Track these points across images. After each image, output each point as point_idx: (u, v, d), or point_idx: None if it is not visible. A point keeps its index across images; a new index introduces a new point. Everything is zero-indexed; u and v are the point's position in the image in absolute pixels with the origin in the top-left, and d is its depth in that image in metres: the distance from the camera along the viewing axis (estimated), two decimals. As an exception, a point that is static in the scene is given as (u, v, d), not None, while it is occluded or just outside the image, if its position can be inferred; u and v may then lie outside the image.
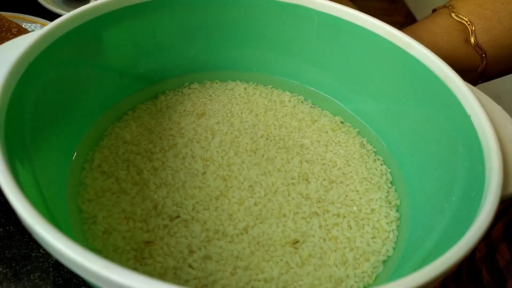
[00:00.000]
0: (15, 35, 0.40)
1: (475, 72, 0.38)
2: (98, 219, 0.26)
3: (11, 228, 0.30)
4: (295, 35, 0.36)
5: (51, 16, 0.49)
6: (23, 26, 0.45)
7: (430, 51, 0.29)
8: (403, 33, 0.31)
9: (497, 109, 0.28)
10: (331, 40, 0.34)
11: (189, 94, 0.37)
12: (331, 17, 0.33)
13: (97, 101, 0.32)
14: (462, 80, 0.27)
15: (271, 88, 0.39)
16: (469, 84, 0.29)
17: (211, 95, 0.37)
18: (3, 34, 0.39)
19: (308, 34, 0.35)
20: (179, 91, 0.37)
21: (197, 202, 0.28)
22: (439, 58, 0.29)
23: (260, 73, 0.39)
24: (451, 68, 0.28)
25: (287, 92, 0.39)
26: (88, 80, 0.31)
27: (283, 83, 0.39)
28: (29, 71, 0.24)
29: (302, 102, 0.38)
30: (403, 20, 2.64)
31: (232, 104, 0.37)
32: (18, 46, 0.24)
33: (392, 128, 0.34)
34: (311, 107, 0.38)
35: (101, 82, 0.32)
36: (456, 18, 0.37)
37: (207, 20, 0.35)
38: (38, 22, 0.46)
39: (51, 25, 0.26)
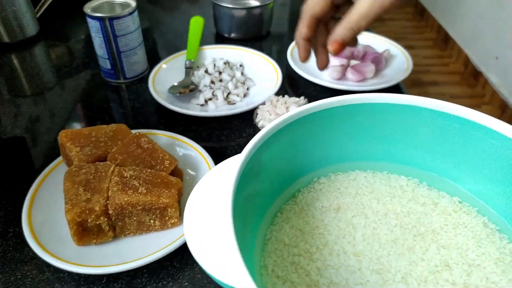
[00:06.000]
0: (167, 168, 0.45)
1: None
2: (292, 323, 0.32)
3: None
4: (408, 130, 0.41)
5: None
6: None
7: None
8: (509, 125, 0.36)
9: None
10: (445, 132, 0.39)
11: (320, 189, 0.43)
12: (448, 115, 0.38)
13: (260, 210, 0.39)
14: None
15: (387, 173, 0.45)
16: None
17: (339, 188, 0.43)
18: (158, 167, 0.45)
19: (422, 129, 0.41)
20: (311, 187, 0.43)
21: (365, 298, 0.34)
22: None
23: (375, 161, 0.45)
24: None
25: (402, 176, 0.44)
26: (255, 194, 0.37)
27: (396, 168, 0.44)
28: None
29: (418, 184, 0.43)
30: (435, 36, 2.66)
31: (360, 195, 0.42)
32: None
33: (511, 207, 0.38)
34: (428, 189, 0.43)
35: (265, 193, 0.38)
36: None
37: (332, 128, 0.41)
38: (177, 139, 0.55)
39: (238, 164, 0.32)
